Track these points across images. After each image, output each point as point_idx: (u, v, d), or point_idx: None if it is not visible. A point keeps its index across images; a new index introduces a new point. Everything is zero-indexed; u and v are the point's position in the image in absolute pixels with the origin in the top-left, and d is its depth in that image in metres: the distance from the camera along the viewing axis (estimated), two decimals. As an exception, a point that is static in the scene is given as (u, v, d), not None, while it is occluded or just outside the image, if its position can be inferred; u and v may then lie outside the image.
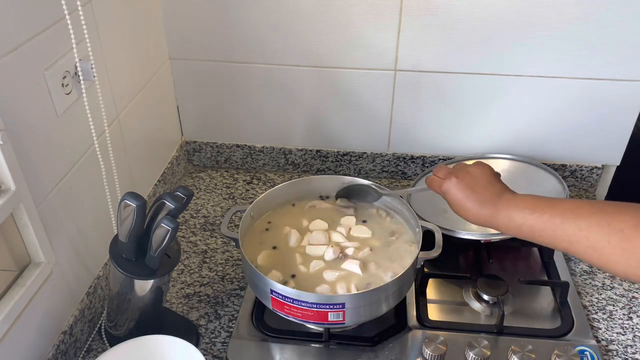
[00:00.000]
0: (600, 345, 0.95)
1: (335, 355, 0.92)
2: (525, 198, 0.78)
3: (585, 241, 0.68)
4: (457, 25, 1.13)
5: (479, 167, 0.86)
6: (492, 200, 0.80)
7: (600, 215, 0.68)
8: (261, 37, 1.19)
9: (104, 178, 0.92)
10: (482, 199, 0.81)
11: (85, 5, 0.87)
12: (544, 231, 0.73)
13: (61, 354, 0.88)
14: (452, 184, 0.84)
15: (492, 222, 0.80)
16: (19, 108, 0.75)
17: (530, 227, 0.74)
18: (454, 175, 0.85)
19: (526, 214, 0.75)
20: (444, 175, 0.86)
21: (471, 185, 0.83)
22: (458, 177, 0.84)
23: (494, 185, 0.82)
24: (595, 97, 1.19)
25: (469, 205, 0.82)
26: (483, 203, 0.80)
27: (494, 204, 0.79)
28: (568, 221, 0.70)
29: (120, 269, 0.82)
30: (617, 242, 0.65)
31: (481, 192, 0.81)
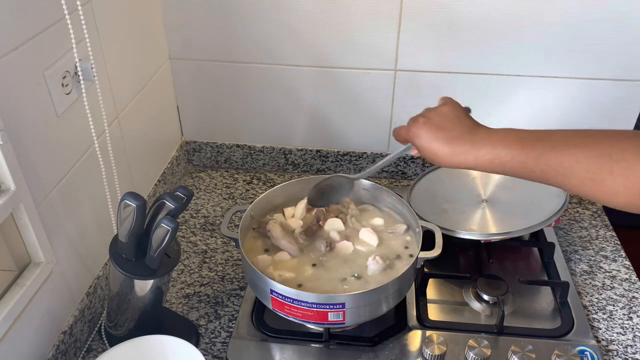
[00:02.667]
0: (600, 345, 0.95)
1: (335, 355, 0.92)
2: (507, 132, 0.73)
3: (583, 173, 0.64)
4: (457, 25, 1.13)
5: (446, 104, 0.79)
6: (465, 136, 0.74)
7: (599, 145, 0.64)
8: (261, 37, 1.19)
9: (104, 178, 0.92)
10: (454, 134, 0.74)
11: (85, 5, 0.87)
12: (536, 166, 0.68)
13: (61, 354, 0.88)
14: (418, 126, 0.77)
15: (470, 160, 0.73)
16: (19, 108, 0.75)
17: (520, 163, 0.69)
18: (420, 116, 0.79)
19: (513, 149, 0.70)
20: (413, 120, 0.80)
21: (439, 123, 0.76)
22: (425, 116, 0.78)
23: (463, 120, 0.76)
24: (595, 97, 1.19)
25: (438, 145, 0.75)
26: (455, 140, 0.74)
27: (469, 140, 0.73)
28: (563, 154, 0.66)
29: (120, 269, 0.82)
30: (620, 171, 0.61)
31: (451, 128, 0.75)
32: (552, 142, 0.68)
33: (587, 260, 1.12)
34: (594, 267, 1.10)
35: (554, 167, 0.67)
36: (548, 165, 0.67)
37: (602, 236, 1.18)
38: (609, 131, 0.66)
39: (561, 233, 1.18)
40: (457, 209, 1.12)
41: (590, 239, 1.17)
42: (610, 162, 0.62)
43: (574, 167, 0.65)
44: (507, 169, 0.71)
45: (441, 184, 1.20)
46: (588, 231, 1.19)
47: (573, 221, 1.22)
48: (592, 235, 1.18)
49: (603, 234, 1.18)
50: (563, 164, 0.65)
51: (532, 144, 0.69)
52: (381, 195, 1.04)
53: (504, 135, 0.72)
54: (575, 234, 1.18)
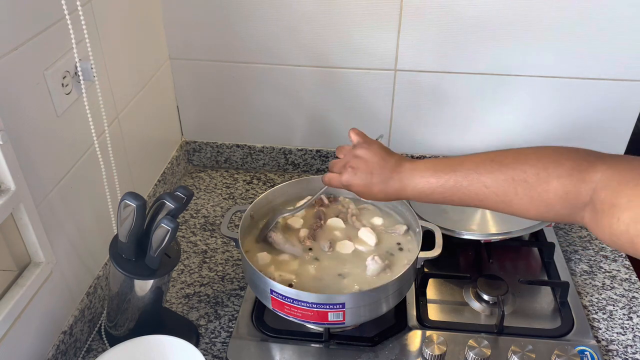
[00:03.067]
0: (600, 345, 0.95)
1: (335, 355, 0.92)
2: (425, 164, 0.79)
3: (493, 197, 0.71)
4: (457, 25, 1.13)
5: (365, 148, 0.85)
6: (393, 176, 0.80)
7: (502, 170, 0.70)
8: (261, 37, 1.19)
9: (104, 178, 0.92)
10: (383, 177, 0.81)
11: (85, 5, 0.87)
12: (454, 195, 0.75)
13: (61, 354, 0.88)
14: (350, 175, 0.84)
15: (403, 196, 0.81)
16: (19, 108, 0.75)
17: (440, 194, 0.76)
18: (348, 165, 0.84)
19: (432, 182, 0.76)
20: (339, 169, 0.86)
21: (368, 169, 0.82)
22: (352, 166, 0.84)
23: (388, 160, 0.82)
24: (595, 97, 1.19)
25: (374, 190, 0.82)
26: (386, 182, 0.81)
27: (397, 179, 0.80)
28: (473, 182, 0.73)
29: (120, 269, 0.82)
30: (524, 192, 0.68)
31: (379, 172, 0.81)
32: (464, 171, 0.74)
33: (587, 260, 1.12)
34: (594, 267, 1.10)
35: (468, 194, 0.74)
36: (463, 193, 0.74)
37: (602, 236, 1.18)
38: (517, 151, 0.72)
39: (561, 233, 1.18)
40: (457, 209, 1.11)
41: (590, 239, 1.17)
42: (514, 184, 0.69)
43: (485, 192, 0.72)
44: (432, 199, 0.78)
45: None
46: (588, 231, 1.19)
47: (573, 221, 1.22)
48: (592, 235, 1.18)
49: (603, 234, 1.18)
50: (475, 190, 0.73)
51: (446, 174, 0.76)
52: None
53: (424, 168, 0.79)
54: (575, 234, 1.18)
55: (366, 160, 0.83)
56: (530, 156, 0.70)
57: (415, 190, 0.78)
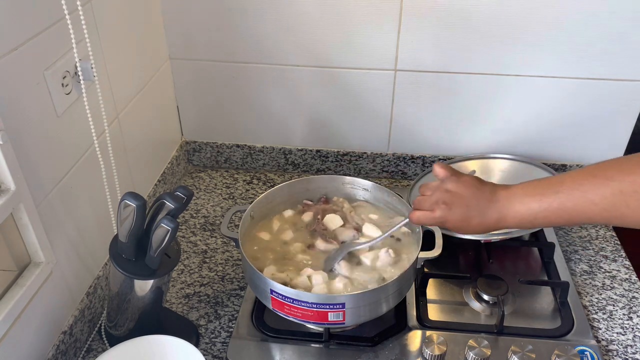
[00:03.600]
0: (600, 345, 0.95)
1: (335, 355, 0.92)
2: (523, 188, 0.75)
3: (603, 213, 0.68)
4: (457, 25, 1.13)
5: (455, 182, 0.80)
6: (490, 205, 0.77)
7: (609, 184, 0.67)
8: (261, 37, 1.19)
9: (104, 178, 0.92)
10: (480, 210, 0.77)
11: (85, 5, 0.87)
12: (559, 218, 0.72)
13: (61, 354, 0.88)
14: (444, 212, 0.79)
15: (503, 226, 0.77)
16: (19, 108, 0.75)
17: (543, 218, 0.73)
18: (441, 202, 0.80)
19: (533, 207, 0.73)
20: (430, 207, 0.81)
21: (463, 203, 0.78)
22: (445, 202, 0.79)
23: (483, 191, 0.79)
24: (595, 97, 1.19)
25: (473, 223, 0.78)
26: (484, 215, 0.77)
27: (495, 209, 0.76)
28: (579, 201, 0.69)
29: (120, 269, 0.82)
30: (635, 203, 0.65)
31: (475, 204, 0.78)
32: (566, 192, 0.71)
33: (587, 260, 1.12)
34: (594, 267, 1.10)
35: (575, 215, 0.70)
36: (569, 215, 0.71)
37: (602, 236, 1.18)
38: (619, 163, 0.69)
39: (561, 233, 1.18)
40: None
41: (590, 239, 1.17)
42: (624, 197, 0.65)
43: (593, 210, 0.68)
44: (535, 225, 0.75)
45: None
46: (588, 231, 1.19)
47: (573, 221, 1.22)
48: (592, 235, 1.18)
49: (603, 234, 1.18)
50: (582, 209, 0.69)
51: (548, 197, 0.72)
52: (381, 195, 1.04)
53: (522, 194, 0.75)
54: (575, 234, 1.18)
55: (459, 193, 0.79)
56: (635, 166, 0.67)
57: (517, 217, 0.75)
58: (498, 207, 0.76)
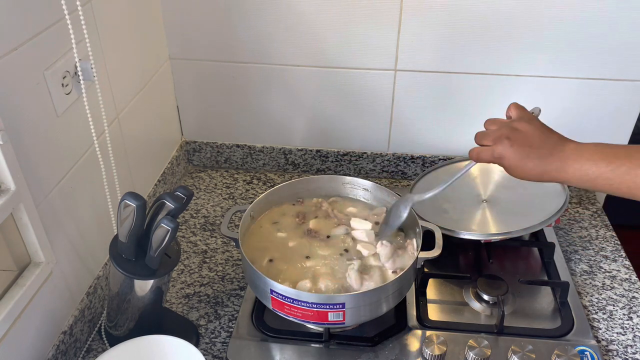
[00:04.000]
0: (600, 345, 0.95)
1: (335, 355, 0.92)
2: (594, 148, 0.74)
3: None
4: (457, 25, 1.13)
5: (526, 121, 0.79)
6: (554, 153, 0.75)
7: None
8: (261, 37, 1.19)
9: (104, 178, 0.92)
10: (543, 152, 0.76)
11: (85, 5, 0.87)
12: (622, 183, 0.70)
13: (61, 354, 0.88)
14: (505, 147, 0.77)
15: (561, 177, 0.75)
16: (19, 108, 0.75)
17: (606, 180, 0.71)
18: (505, 136, 0.78)
19: (601, 167, 0.71)
20: (492, 141, 0.79)
21: (527, 142, 0.77)
22: (510, 137, 0.77)
23: (550, 137, 0.77)
24: (595, 97, 1.19)
25: (530, 165, 0.76)
26: (545, 158, 0.75)
27: (558, 158, 0.75)
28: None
29: (120, 269, 0.82)
30: None
31: (540, 146, 0.76)
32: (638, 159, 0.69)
33: (587, 260, 1.12)
34: (594, 267, 1.10)
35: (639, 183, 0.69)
36: (634, 182, 0.69)
37: (602, 236, 1.18)
38: None
39: (561, 233, 1.18)
40: (457, 209, 1.12)
41: (590, 239, 1.17)
42: None
43: None
44: (594, 185, 0.73)
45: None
46: (588, 231, 1.19)
47: (573, 221, 1.22)
48: (592, 235, 1.18)
49: (603, 234, 1.18)
50: None
51: (619, 160, 0.71)
52: (381, 195, 1.04)
53: (593, 151, 0.74)
54: (575, 234, 1.18)
55: (525, 132, 0.77)
56: None
57: (579, 172, 0.73)
58: (562, 156, 0.75)
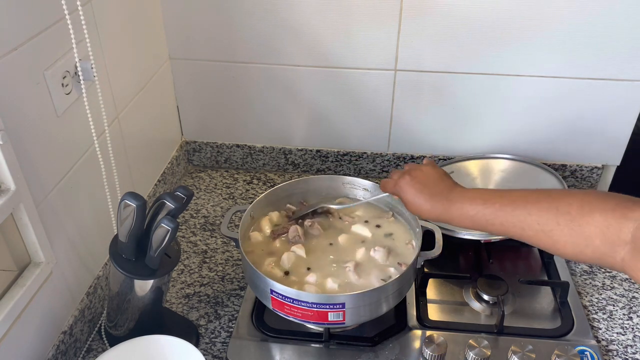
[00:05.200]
0: (600, 345, 0.95)
1: (335, 355, 0.92)
2: (476, 190, 0.82)
3: (535, 225, 0.72)
4: (457, 25, 1.13)
5: (430, 165, 0.89)
6: (443, 194, 0.83)
7: (548, 201, 0.72)
8: (261, 37, 1.19)
9: (104, 178, 0.92)
10: (434, 192, 0.84)
11: (85, 5, 0.87)
12: (496, 219, 0.76)
13: (61, 354, 0.88)
14: (405, 182, 0.87)
15: (446, 216, 0.82)
16: (19, 108, 0.75)
17: (483, 217, 0.77)
18: (407, 174, 0.88)
19: (478, 205, 0.78)
20: (398, 175, 0.89)
21: (423, 181, 0.86)
22: (411, 174, 0.87)
23: (444, 181, 0.86)
24: (595, 97, 1.19)
25: (421, 200, 0.84)
26: (435, 197, 0.83)
27: (446, 198, 0.82)
28: (518, 208, 0.74)
29: (120, 269, 0.82)
30: (565, 223, 0.69)
31: (432, 187, 0.84)
32: (511, 198, 0.76)
33: (587, 260, 1.12)
34: (594, 267, 1.10)
35: (510, 220, 0.75)
36: (506, 219, 0.75)
37: (602, 236, 1.18)
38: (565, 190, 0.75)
39: (561, 233, 1.18)
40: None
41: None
42: (557, 214, 0.70)
43: (527, 219, 0.73)
44: (473, 223, 0.79)
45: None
46: (588, 231, 1.19)
47: (573, 221, 1.22)
48: (592, 235, 1.18)
49: (603, 234, 1.18)
50: (518, 217, 0.74)
51: (493, 199, 0.77)
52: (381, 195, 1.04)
53: (473, 194, 0.81)
54: (575, 234, 1.18)
55: (425, 173, 0.87)
56: (578, 193, 0.73)
57: (460, 211, 0.80)
58: (449, 196, 0.82)
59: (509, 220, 0.75)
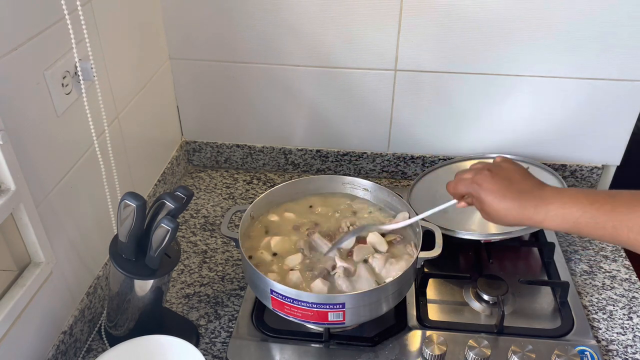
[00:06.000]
0: (600, 345, 0.95)
1: (335, 355, 0.92)
2: (576, 190, 0.72)
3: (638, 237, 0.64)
4: (457, 25, 1.13)
5: (509, 163, 0.78)
6: (535, 191, 0.72)
7: None
8: (261, 37, 1.19)
9: (104, 178, 0.92)
10: (523, 189, 0.73)
11: (85, 5, 0.87)
12: (607, 222, 0.67)
13: (61, 354, 0.88)
14: (484, 178, 0.75)
15: (539, 216, 0.72)
16: (19, 108, 0.75)
17: (591, 219, 0.68)
18: (486, 169, 0.77)
19: (585, 206, 0.68)
20: (472, 173, 0.78)
21: (508, 176, 0.75)
22: (492, 170, 0.76)
23: (531, 178, 0.75)
24: (595, 97, 1.19)
25: (507, 200, 0.73)
26: (524, 195, 0.72)
27: (539, 197, 0.72)
28: (634, 210, 0.65)
29: (120, 269, 0.82)
30: None
31: (520, 183, 0.74)
32: (623, 199, 0.67)
33: (587, 260, 1.12)
34: (594, 267, 1.10)
35: (625, 223, 0.66)
36: (620, 220, 0.66)
37: (602, 236, 1.18)
38: None
39: (561, 233, 1.18)
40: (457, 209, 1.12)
41: (590, 239, 1.17)
42: None
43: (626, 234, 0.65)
44: (578, 225, 0.70)
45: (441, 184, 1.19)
46: (588, 231, 1.19)
47: (573, 221, 1.22)
48: (592, 235, 1.18)
49: (603, 234, 1.18)
50: (635, 219, 0.65)
51: (603, 199, 0.68)
52: (381, 195, 1.04)
53: (573, 192, 0.71)
54: (575, 234, 1.18)
55: (507, 169, 0.76)
56: None
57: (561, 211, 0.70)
58: (542, 195, 0.72)
59: (623, 222, 0.66)
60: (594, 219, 0.68)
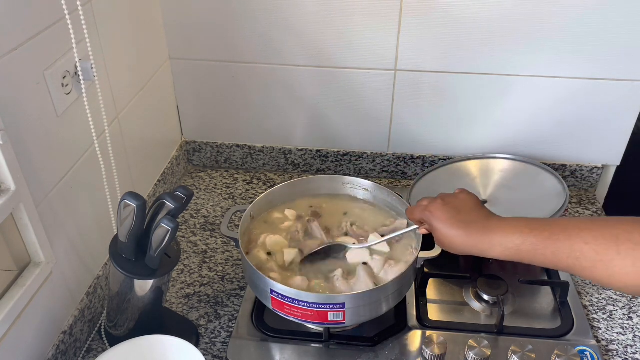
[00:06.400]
0: (600, 345, 0.95)
1: (335, 355, 0.92)
2: (519, 220, 0.75)
3: (592, 254, 0.66)
4: (457, 25, 1.13)
5: (464, 193, 0.83)
6: (480, 221, 0.77)
7: (604, 229, 0.67)
8: (261, 37, 1.19)
9: (104, 178, 0.92)
10: (470, 219, 0.78)
11: (85, 5, 0.87)
12: (547, 249, 0.70)
13: (61, 354, 0.88)
14: (436, 207, 0.81)
15: (484, 245, 0.76)
16: (19, 108, 0.75)
17: (531, 246, 0.71)
18: (439, 198, 0.82)
19: (525, 234, 0.72)
20: (427, 202, 0.83)
21: (457, 207, 0.80)
22: (444, 200, 0.81)
23: (480, 209, 0.80)
24: (595, 97, 1.19)
25: (454, 228, 0.78)
26: (471, 224, 0.77)
27: (484, 226, 0.76)
28: (572, 236, 0.68)
29: (120, 269, 0.82)
30: (627, 251, 0.64)
31: (468, 213, 0.78)
32: (561, 226, 0.70)
33: (587, 260, 1.12)
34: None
35: (564, 249, 0.69)
36: (558, 248, 0.69)
37: (602, 236, 1.18)
38: (618, 217, 0.68)
39: (561, 233, 1.18)
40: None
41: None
42: (618, 242, 0.65)
43: (583, 248, 0.67)
44: (520, 253, 0.73)
45: (441, 184, 1.20)
46: (588, 231, 1.19)
47: (573, 221, 1.22)
48: (592, 235, 1.18)
49: (603, 234, 1.18)
50: (573, 245, 0.68)
51: (542, 227, 0.72)
52: (381, 195, 1.04)
53: (516, 222, 0.75)
54: (575, 234, 1.18)
55: (459, 199, 0.81)
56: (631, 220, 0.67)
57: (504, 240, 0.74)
58: (487, 224, 0.76)
59: (561, 249, 0.68)
60: (534, 245, 0.71)
